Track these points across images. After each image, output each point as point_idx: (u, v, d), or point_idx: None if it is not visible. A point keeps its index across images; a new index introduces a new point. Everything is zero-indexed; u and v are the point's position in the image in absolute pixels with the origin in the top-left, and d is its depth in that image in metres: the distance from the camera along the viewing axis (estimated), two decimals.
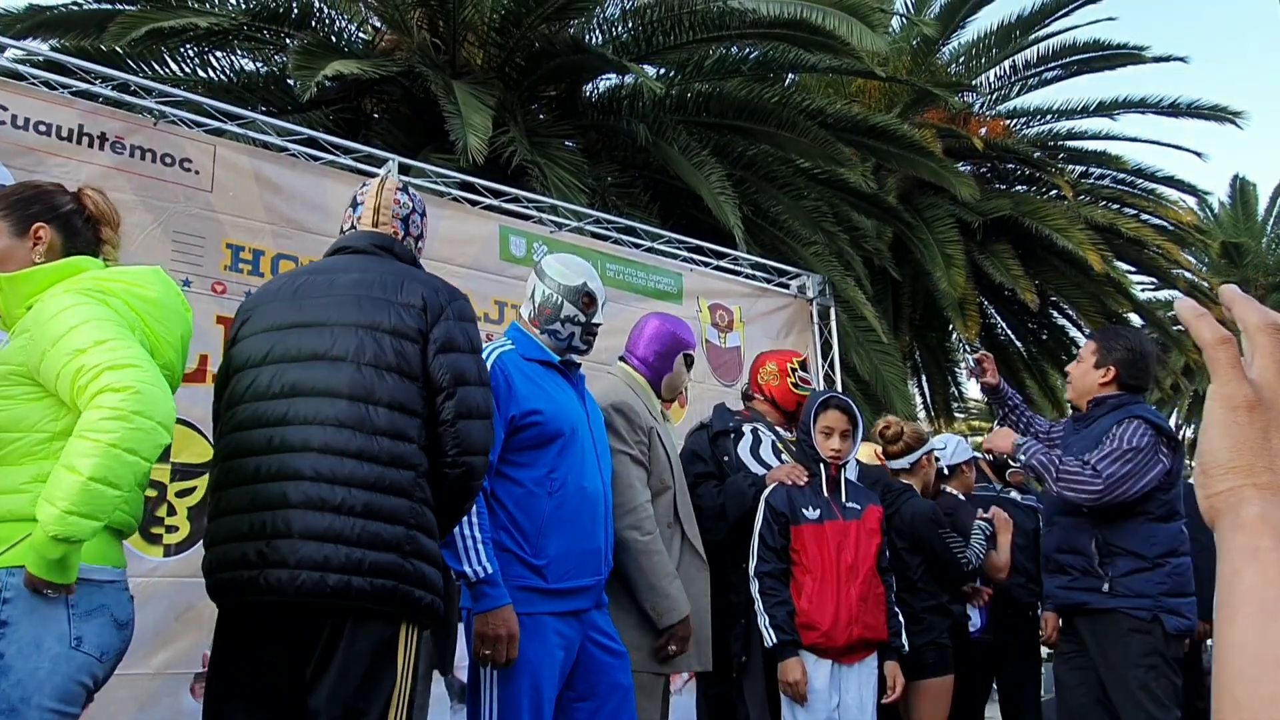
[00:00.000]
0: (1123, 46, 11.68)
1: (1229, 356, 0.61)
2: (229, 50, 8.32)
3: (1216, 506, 0.59)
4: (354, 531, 1.94)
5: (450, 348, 2.10)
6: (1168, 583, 3.16)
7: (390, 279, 2.14)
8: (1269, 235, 19.62)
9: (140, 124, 3.80)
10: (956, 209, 10.68)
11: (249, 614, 2.01)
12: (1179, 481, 3.29)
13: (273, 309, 2.16)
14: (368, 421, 2.00)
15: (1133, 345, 3.38)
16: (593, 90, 9.16)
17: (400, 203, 2.33)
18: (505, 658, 2.30)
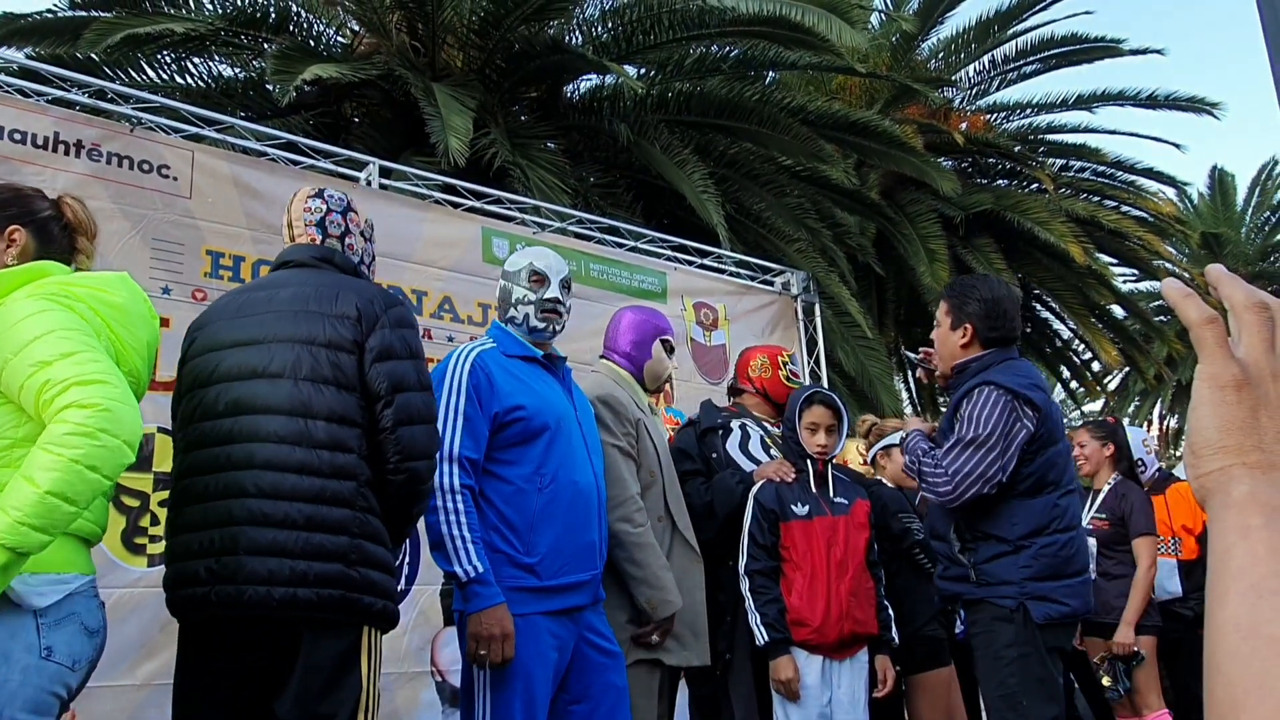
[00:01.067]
0: (1100, 40, 11.76)
1: (1216, 336, 0.61)
2: (206, 56, 8.27)
3: (1207, 486, 0.59)
4: (297, 544, 1.98)
5: (387, 355, 2.12)
6: (1034, 565, 2.75)
7: (326, 291, 2.16)
8: (1248, 225, 19.80)
9: (117, 131, 3.76)
10: (939, 204, 10.72)
11: (210, 626, 2.04)
12: (1054, 449, 2.82)
13: (217, 327, 2.19)
14: (307, 435, 2.04)
15: (984, 294, 2.93)
16: (574, 91, 9.15)
17: (311, 209, 2.33)
18: (500, 657, 2.29)
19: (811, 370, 5.91)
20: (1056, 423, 2.86)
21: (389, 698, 3.88)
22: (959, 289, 3.01)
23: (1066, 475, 2.86)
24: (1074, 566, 2.81)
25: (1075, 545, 2.82)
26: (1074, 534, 2.83)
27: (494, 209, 5.02)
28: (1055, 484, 2.80)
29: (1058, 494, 2.80)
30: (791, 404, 3.39)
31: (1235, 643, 0.53)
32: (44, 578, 1.78)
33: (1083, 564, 2.85)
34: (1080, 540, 2.85)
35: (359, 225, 2.39)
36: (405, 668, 3.94)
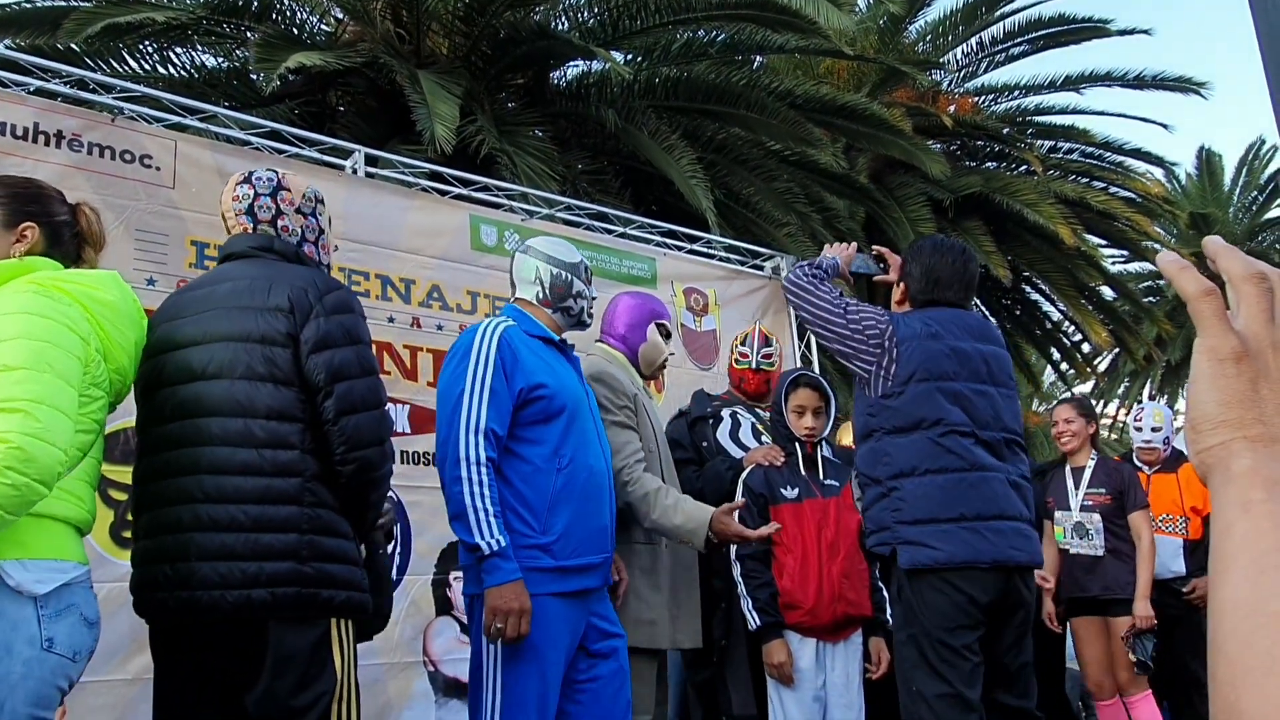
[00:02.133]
0: (1088, 20, 11.74)
1: (1214, 308, 0.60)
2: (188, 45, 8.19)
3: (1207, 462, 0.58)
4: (245, 546, 1.98)
5: (324, 345, 2.07)
6: (902, 508, 2.63)
7: (259, 284, 2.11)
8: (1235, 205, 19.84)
9: (98, 120, 3.72)
10: (928, 187, 10.71)
11: (177, 628, 2.06)
12: (932, 385, 2.68)
13: (163, 330, 2.16)
14: (249, 435, 2.02)
15: (926, 261, 2.88)
16: (560, 77, 9.10)
17: (239, 197, 2.26)
18: (517, 632, 2.27)
19: (803, 354, 5.90)
20: (934, 359, 2.69)
21: (381, 688, 3.87)
22: (913, 248, 3.01)
23: (952, 415, 2.65)
24: (957, 510, 2.59)
25: (964, 487, 2.60)
26: (960, 475, 2.61)
27: (482, 196, 4.99)
28: (936, 422, 2.64)
29: (936, 432, 2.63)
30: (778, 388, 3.39)
31: (1237, 620, 0.52)
32: (42, 564, 1.78)
33: (981, 510, 2.59)
34: (982, 484, 2.62)
35: (292, 203, 2.28)
36: (398, 658, 3.93)
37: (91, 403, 1.89)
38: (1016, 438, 2.77)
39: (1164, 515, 4.50)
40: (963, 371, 2.70)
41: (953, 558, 2.56)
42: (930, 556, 2.57)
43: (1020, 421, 2.82)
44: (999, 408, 2.74)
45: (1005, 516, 2.62)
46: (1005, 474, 2.68)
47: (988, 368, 2.76)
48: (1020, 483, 2.72)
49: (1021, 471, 2.75)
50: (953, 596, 2.56)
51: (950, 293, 2.85)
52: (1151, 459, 4.61)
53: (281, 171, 2.36)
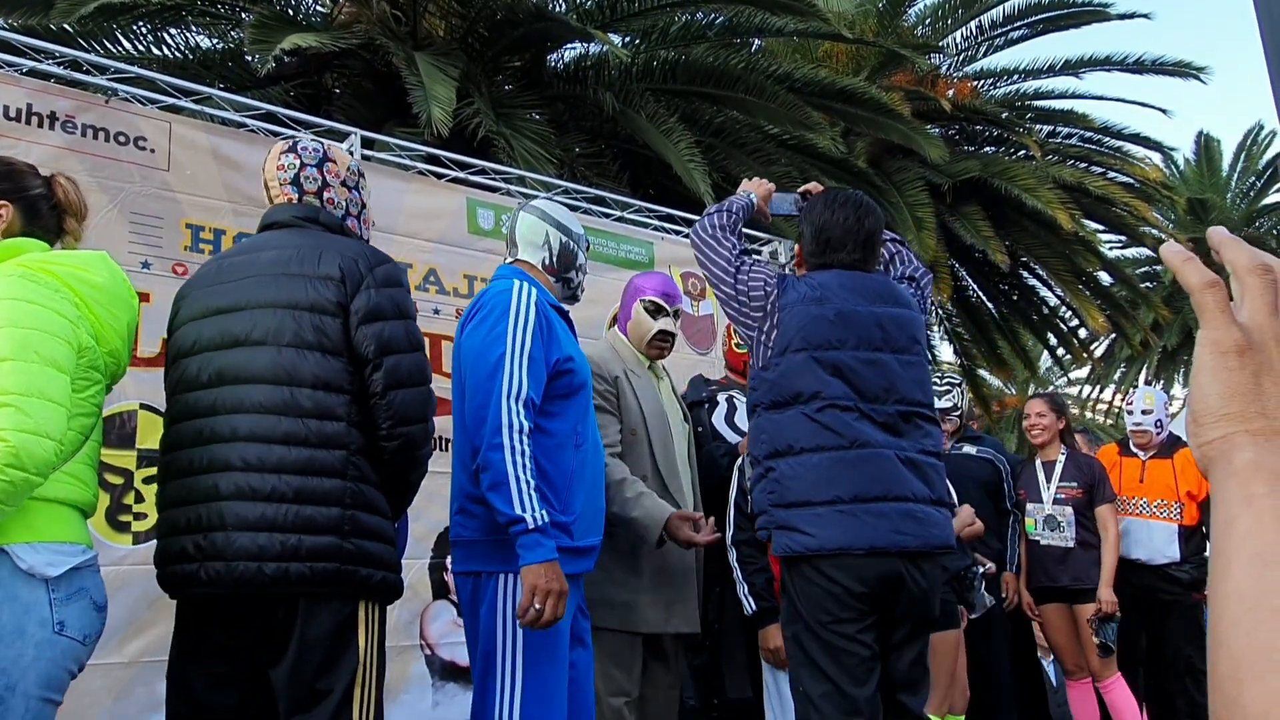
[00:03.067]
0: (1087, 4, 11.68)
1: (1217, 300, 0.59)
2: (183, 26, 8.13)
3: (1209, 455, 0.58)
4: (287, 518, 1.93)
5: (374, 317, 2.04)
6: (777, 491, 2.43)
7: (308, 252, 2.07)
8: (1233, 190, 19.81)
9: (92, 102, 3.69)
10: (926, 171, 10.68)
11: (205, 601, 2.00)
12: (809, 354, 2.46)
13: (199, 295, 2.12)
14: (293, 404, 1.98)
15: (815, 219, 2.65)
16: (558, 60, 9.04)
17: (285, 166, 2.22)
18: (555, 615, 2.11)
19: None
20: (814, 326, 2.47)
21: None
22: (805, 209, 2.73)
23: (831, 388, 2.42)
24: (833, 492, 2.36)
25: (841, 467, 2.38)
26: (838, 454, 2.38)
27: (478, 180, 4.97)
28: (813, 396, 2.43)
29: (813, 407, 2.42)
30: None
31: (1239, 615, 0.52)
32: (52, 546, 1.79)
33: (861, 490, 2.36)
34: (864, 462, 2.38)
35: (338, 176, 2.26)
36: (394, 641, 3.93)
37: (89, 386, 1.88)
38: (919, 410, 2.50)
39: (1159, 500, 4.53)
40: (849, 338, 2.45)
41: (825, 544, 2.34)
42: (802, 543, 2.36)
43: (927, 391, 2.55)
44: (895, 377, 2.47)
45: (891, 498, 2.37)
46: (898, 450, 2.42)
47: (883, 332, 2.49)
48: (919, 459, 2.45)
49: (923, 447, 2.47)
50: (828, 587, 2.34)
51: (845, 253, 2.58)
52: (1144, 442, 4.63)
53: (327, 143, 2.33)
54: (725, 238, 2.66)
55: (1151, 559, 4.46)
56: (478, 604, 2.30)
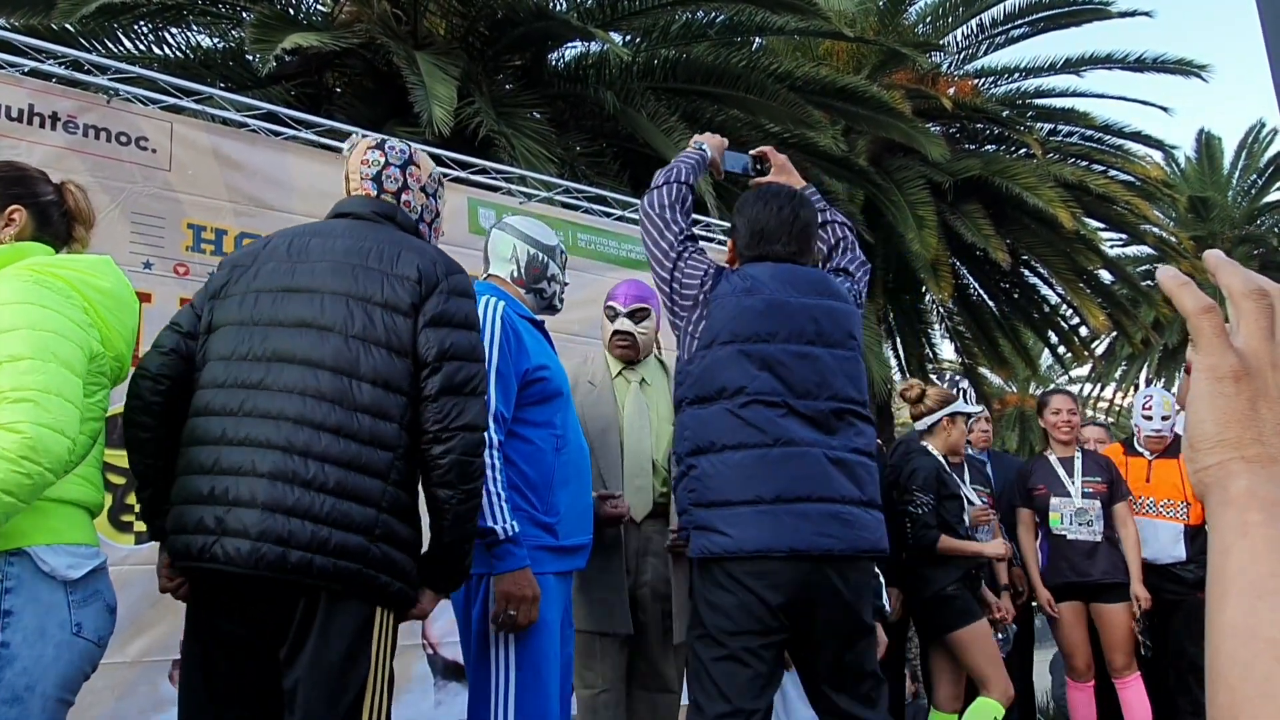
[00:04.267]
0: (1088, 2, 11.68)
1: (1213, 325, 0.59)
2: (184, 26, 8.13)
3: (1205, 481, 0.57)
4: (323, 509, 1.87)
5: (441, 322, 2.01)
6: (696, 490, 2.30)
7: (387, 249, 2.05)
8: (1234, 189, 19.80)
9: (93, 102, 3.69)
10: (927, 170, 10.68)
11: (218, 587, 1.94)
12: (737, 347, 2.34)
13: (267, 269, 2.06)
14: (349, 396, 1.93)
15: (750, 214, 2.52)
16: (558, 59, 9.04)
17: (369, 162, 2.22)
18: (528, 619, 2.25)
19: None
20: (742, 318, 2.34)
21: None
22: (739, 203, 2.60)
23: (758, 383, 2.29)
24: (753, 491, 2.23)
25: (763, 465, 2.24)
26: (761, 452, 2.25)
27: (480, 179, 4.97)
28: (737, 390, 2.29)
29: (737, 402, 2.29)
30: None
31: (1235, 647, 0.51)
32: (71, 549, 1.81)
33: (784, 490, 2.23)
34: (788, 461, 2.26)
35: (419, 180, 2.27)
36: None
37: (97, 391, 1.89)
38: (852, 407, 2.37)
39: (1165, 500, 4.53)
40: (780, 331, 2.33)
41: (743, 545, 2.19)
42: (719, 544, 2.22)
43: (862, 387, 2.43)
44: (827, 373, 2.34)
45: (817, 498, 2.23)
46: (826, 449, 2.29)
47: (816, 326, 2.36)
48: (849, 459, 2.32)
49: (855, 445, 2.35)
50: (741, 596, 2.19)
51: (779, 246, 2.46)
52: (1159, 446, 4.63)
53: (414, 147, 2.33)
54: (675, 218, 2.53)
55: (1157, 558, 4.46)
56: (470, 605, 2.37)
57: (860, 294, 2.64)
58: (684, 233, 2.51)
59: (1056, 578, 4.37)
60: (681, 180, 2.60)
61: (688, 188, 2.60)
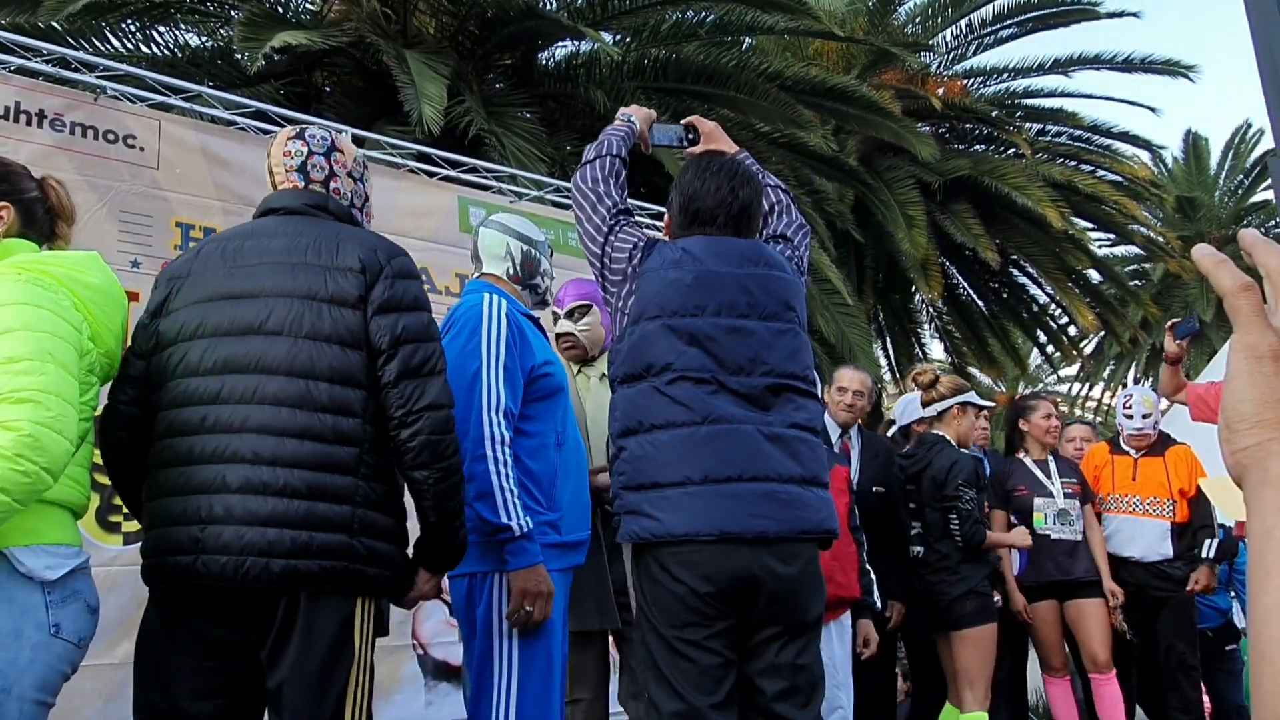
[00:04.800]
0: (1076, 2, 11.74)
1: (1251, 304, 0.57)
2: (172, 24, 8.10)
3: (1243, 462, 0.56)
4: (299, 514, 1.87)
5: (390, 308, 2.00)
6: (626, 473, 2.18)
7: (325, 242, 2.03)
8: (1221, 188, 19.91)
9: (81, 100, 3.66)
10: (917, 170, 10.71)
11: (193, 595, 1.93)
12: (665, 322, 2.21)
13: (204, 278, 2.03)
14: (309, 398, 1.91)
15: (684, 187, 2.37)
16: (549, 58, 9.04)
17: (291, 153, 2.18)
18: (544, 615, 2.25)
19: None
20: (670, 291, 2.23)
21: None
22: (677, 176, 2.45)
23: (685, 358, 2.17)
24: (681, 472, 2.10)
25: (691, 444, 2.12)
26: (689, 430, 2.13)
27: (470, 178, 4.96)
28: (665, 367, 2.17)
29: (664, 379, 2.17)
30: None
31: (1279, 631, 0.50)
32: (50, 549, 1.78)
33: (713, 470, 2.10)
34: (718, 438, 2.13)
35: (345, 166, 2.23)
36: (387, 641, 3.92)
37: (87, 390, 1.88)
38: (790, 382, 2.23)
39: (1151, 498, 4.56)
40: (709, 304, 2.20)
41: (671, 529, 2.08)
42: (647, 528, 2.11)
43: (804, 362, 2.29)
44: (761, 347, 2.21)
45: (749, 478, 2.10)
46: (761, 426, 2.16)
47: (750, 298, 2.23)
48: (788, 435, 2.18)
49: (795, 421, 2.20)
50: (672, 587, 2.09)
51: (715, 227, 2.32)
52: (1142, 444, 4.66)
53: (335, 132, 2.30)
54: (609, 191, 2.41)
55: (1145, 556, 4.50)
56: (473, 605, 2.34)
57: (801, 261, 2.49)
58: (617, 206, 2.40)
59: (1040, 576, 4.41)
60: (613, 153, 2.48)
61: (620, 160, 2.48)
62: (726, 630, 2.10)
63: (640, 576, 2.16)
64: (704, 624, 2.08)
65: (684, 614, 2.07)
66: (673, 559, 2.09)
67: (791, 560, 2.12)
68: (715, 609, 2.08)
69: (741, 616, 2.12)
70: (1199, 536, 4.46)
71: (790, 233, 2.51)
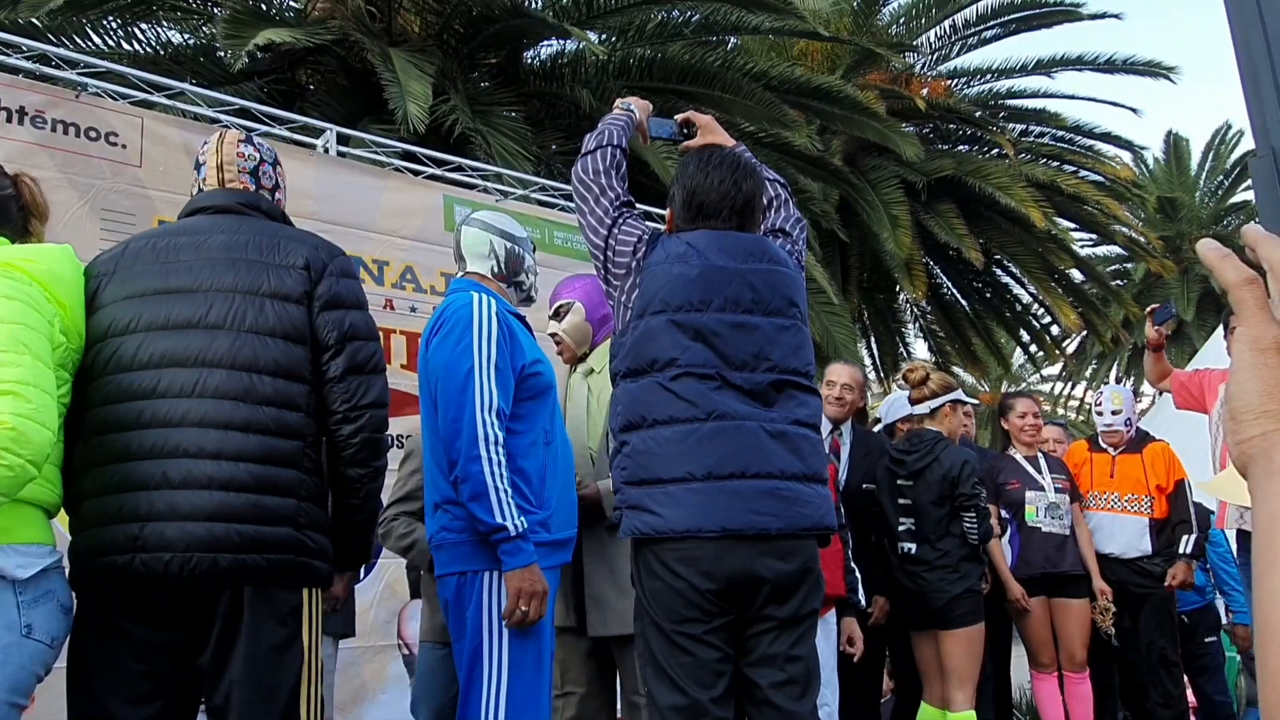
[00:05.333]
0: (1059, 4, 11.80)
1: (1256, 297, 0.58)
2: (154, 21, 8.05)
3: (1248, 453, 0.56)
4: (245, 508, 1.86)
5: (336, 305, 2.02)
6: (628, 468, 2.17)
7: (265, 240, 2.04)
8: (1202, 189, 20.07)
9: (62, 97, 3.64)
10: (901, 170, 10.75)
11: (117, 595, 1.88)
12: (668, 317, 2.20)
13: (134, 274, 2.01)
14: (253, 391, 1.91)
15: (687, 182, 2.34)
16: (534, 57, 9.02)
17: (245, 155, 2.19)
18: (539, 614, 2.26)
19: None
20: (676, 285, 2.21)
21: (356, 672, 3.86)
22: (678, 169, 2.42)
23: (690, 354, 2.16)
24: (683, 468, 2.10)
25: (694, 441, 2.11)
26: (692, 427, 2.12)
27: (456, 176, 4.95)
28: (669, 363, 2.16)
29: (668, 375, 2.16)
30: None
31: None
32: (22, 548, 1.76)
33: (716, 467, 2.10)
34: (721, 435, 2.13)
35: (284, 180, 2.28)
36: (372, 641, 3.92)
37: (61, 385, 1.86)
38: (793, 378, 2.23)
39: (1130, 495, 4.60)
40: (715, 299, 2.20)
41: (673, 525, 2.08)
42: (649, 524, 2.10)
43: (806, 357, 2.30)
44: (765, 342, 2.21)
45: (752, 474, 2.11)
46: (765, 422, 2.16)
47: (754, 293, 2.22)
48: (790, 431, 2.19)
49: (797, 417, 2.21)
50: (672, 582, 2.09)
51: (719, 220, 2.30)
52: (1115, 441, 4.71)
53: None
54: (611, 184, 2.38)
55: (1124, 553, 4.54)
56: (464, 604, 2.33)
57: (800, 255, 2.50)
58: (620, 198, 2.37)
59: (1029, 570, 4.43)
60: (614, 144, 2.45)
61: (621, 151, 2.44)
62: (725, 625, 2.11)
63: (640, 571, 2.16)
64: (703, 619, 2.08)
65: (684, 609, 2.08)
66: (673, 554, 2.08)
67: (791, 557, 2.12)
68: (715, 605, 2.09)
69: (740, 612, 2.13)
70: (1177, 532, 4.50)
71: (789, 227, 2.51)
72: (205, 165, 2.19)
